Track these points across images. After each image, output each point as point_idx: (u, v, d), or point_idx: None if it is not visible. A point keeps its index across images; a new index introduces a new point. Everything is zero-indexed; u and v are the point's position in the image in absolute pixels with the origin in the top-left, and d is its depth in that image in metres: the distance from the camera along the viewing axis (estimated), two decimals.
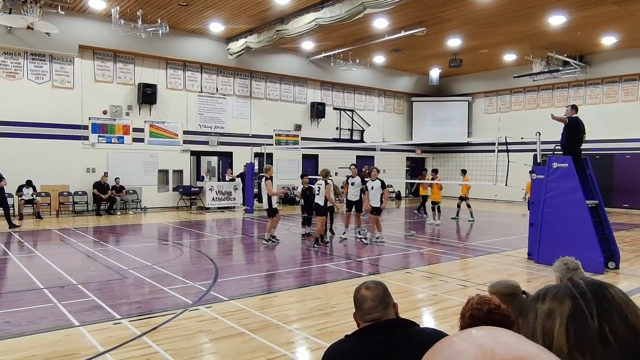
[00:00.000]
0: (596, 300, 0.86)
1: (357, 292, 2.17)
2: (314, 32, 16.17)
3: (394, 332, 2.00)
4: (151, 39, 15.94)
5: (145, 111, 18.37)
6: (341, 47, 19.53)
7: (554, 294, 0.90)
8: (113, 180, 17.30)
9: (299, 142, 22.30)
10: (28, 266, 8.73)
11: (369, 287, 2.13)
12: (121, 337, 5.01)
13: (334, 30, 16.87)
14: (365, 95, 24.90)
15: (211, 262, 9.10)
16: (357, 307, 2.13)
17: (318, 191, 11.06)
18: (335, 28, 16.25)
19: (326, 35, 17.91)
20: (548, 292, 0.92)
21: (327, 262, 9.32)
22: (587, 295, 0.87)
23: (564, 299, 0.88)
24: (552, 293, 0.91)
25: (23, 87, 15.91)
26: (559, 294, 0.90)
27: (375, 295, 2.09)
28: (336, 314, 5.97)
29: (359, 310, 2.11)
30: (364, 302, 2.09)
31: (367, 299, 2.08)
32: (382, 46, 19.35)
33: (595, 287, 0.89)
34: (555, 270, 3.53)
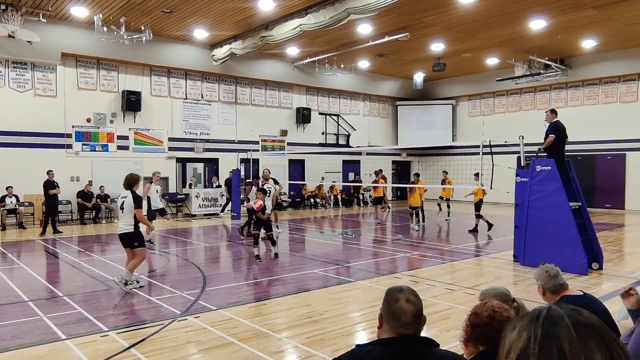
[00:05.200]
0: (544, 337, 0.97)
1: (395, 300, 2.03)
2: (298, 38, 16.21)
3: (417, 349, 1.94)
4: (135, 46, 15.85)
5: (130, 118, 18.23)
6: (326, 53, 19.60)
7: (520, 327, 1.03)
8: (98, 188, 17.12)
9: (285, 148, 22.29)
10: (11, 278, 8.59)
11: (409, 301, 2.01)
12: (109, 350, 4.96)
13: (319, 36, 16.93)
14: (350, 100, 25.00)
15: (199, 271, 9.05)
16: (392, 316, 2.00)
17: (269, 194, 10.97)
18: (320, 34, 16.31)
19: (311, 40, 17.96)
20: (516, 325, 1.04)
21: (315, 268, 9.32)
22: (537, 333, 0.99)
23: (522, 333, 1.01)
24: (519, 325, 1.04)
25: (4, 96, 15.69)
26: (522, 327, 1.03)
27: (416, 311, 2.00)
28: (325, 321, 5.98)
29: (394, 321, 1.99)
30: (402, 315, 1.98)
31: (407, 313, 1.98)
32: (366, 51, 19.47)
33: (549, 324, 0.99)
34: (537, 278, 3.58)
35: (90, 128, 17.45)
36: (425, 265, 9.74)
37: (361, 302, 7.04)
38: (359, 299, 7.20)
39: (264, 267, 9.66)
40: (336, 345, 5.16)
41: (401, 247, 11.80)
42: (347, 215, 20.35)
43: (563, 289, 3.48)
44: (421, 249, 11.47)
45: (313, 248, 11.91)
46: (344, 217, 19.80)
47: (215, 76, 20.20)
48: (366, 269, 9.36)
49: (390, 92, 25.88)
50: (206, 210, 19.06)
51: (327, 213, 21.05)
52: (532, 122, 20.04)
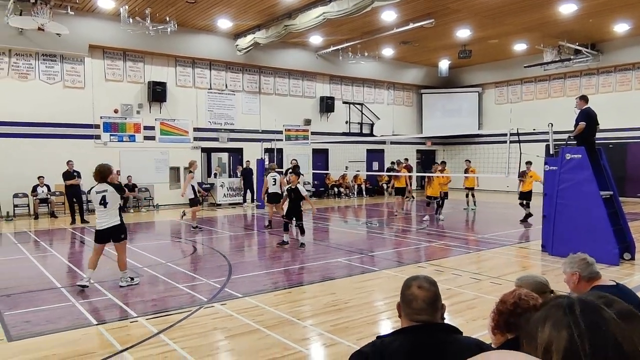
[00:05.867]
0: (590, 331, 0.87)
1: (407, 287, 2.07)
2: (322, 26, 16.13)
3: (437, 336, 1.95)
4: (160, 37, 16.00)
5: (156, 109, 18.47)
6: (349, 41, 19.46)
7: (553, 321, 0.92)
8: (125, 178, 17.44)
9: (309, 137, 22.30)
10: (44, 265, 8.86)
11: (421, 287, 2.03)
12: (138, 336, 5.08)
13: (342, 23, 16.80)
14: (374, 89, 24.81)
15: (224, 259, 9.17)
16: (405, 303, 2.04)
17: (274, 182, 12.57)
18: (343, 22, 16.18)
19: (334, 29, 17.85)
20: (548, 317, 0.94)
21: (340, 257, 9.34)
22: (581, 327, 0.88)
23: (560, 329, 0.90)
24: (552, 320, 0.93)
25: (35, 88, 16.06)
26: (557, 322, 0.91)
27: (427, 297, 2.01)
28: (350, 310, 5.99)
29: (407, 308, 2.02)
30: (413, 301, 2.00)
31: (418, 299, 2.00)
32: (390, 39, 19.25)
33: (591, 315, 0.89)
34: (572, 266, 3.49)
35: (118, 119, 17.75)
36: (450, 254, 9.66)
37: (385, 291, 7.03)
38: (383, 288, 7.19)
39: (289, 255, 9.72)
40: (361, 333, 5.18)
41: (426, 236, 11.73)
42: (371, 204, 20.30)
43: (597, 277, 3.43)
44: (446, 239, 11.37)
45: (337, 237, 11.93)
46: (368, 206, 19.75)
47: (239, 66, 20.27)
48: (390, 258, 9.34)
49: (415, 80, 25.59)
50: (231, 199, 19.26)
51: (350, 202, 21.04)
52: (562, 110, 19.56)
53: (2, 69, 15.58)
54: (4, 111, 15.47)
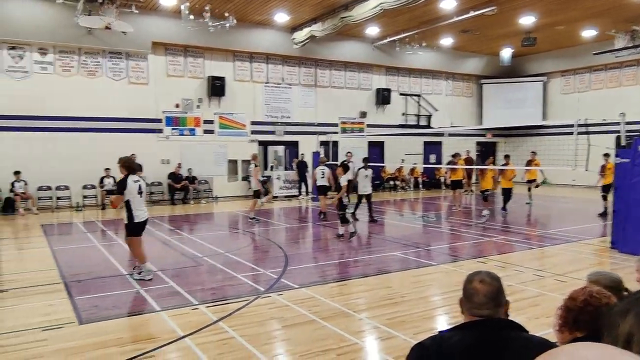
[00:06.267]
0: None
1: (469, 282, 2.03)
2: (378, 17, 15.91)
3: (499, 332, 1.89)
4: (219, 33, 16.34)
5: (215, 103, 18.93)
6: (407, 31, 19.10)
7: (635, 313, 0.92)
8: (186, 170, 18.03)
9: (365, 130, 22.16)
10: (111, 253, 9.30)
11: (483, 281, 1.99)
12: (199, 322, 5.23)
13: (400, 14, 16.51)
14: (432, 79, 24.28)
15: (281, 250, 9.28)
16: (466, 298, 2.01)
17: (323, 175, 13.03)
18: (401, 12, 15.90)
19: (391, 19, 17.58)
20: (630, 309, 0.93)
21: (396, 250, 9.22)
22: None
23: None
24: (634, 311, 0.92)
25: (102, 85, 16.86)
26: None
27: (489, 292, 1.96)
28: (406, 304, 5.91)
29: (468, 302, 1.99)
30: (474, 295, 1.96)
31: (479, 293, 1.96)
32: (449, 28, 18.72)
33: None
34: None
35: (179, 113, 18.34)
36: (512, 250, 9.32)
37: (443, 285, 6.88)
38: (440, 283, 7.04)
39: (344, 248, 9.72)
40: (418, 327, 5.09)
41: (486, 231, 11.37)
42: (428, 198, 19.93)
43: None
44: (508, 234, 10.98)
45: (393, 231, 11.79)
46: (424, 200, 19.41)
47: (295, 59, 20.40)
48: (448, 253, 9.13)
49: (475, 70, 24.80)
50: (287, 192, 19.48)
51: (407, 196, 20.75)
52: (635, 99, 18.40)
53: (73, 67, 16.45)
54: (73, 107, 16.34)
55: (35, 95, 15.72)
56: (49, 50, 16.02)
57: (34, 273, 7.72)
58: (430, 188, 23.14)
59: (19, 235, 11.84)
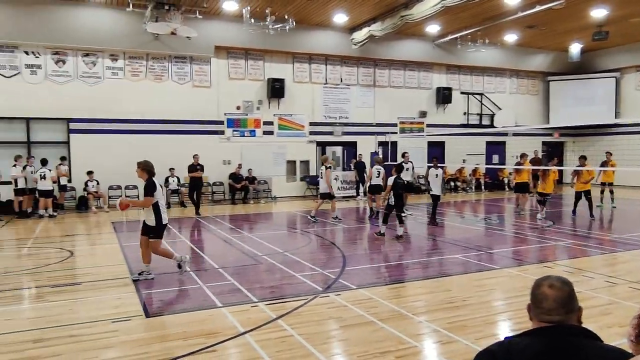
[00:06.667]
0: None
1: (537, 287, 1.94)
2: (439, 15, 15.59)
3: (571, 340, 1.79)
4: (279, 35, 16.59)
5: (274, 105, 19.24)
6: (469, 28, 18.61)
7: None
8: (246, 171, 18.44)
9: (424, 129, 21.79)
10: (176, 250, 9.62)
11: (552, 286, 1.90)
12: (258, 319, 5.32)
13: (461, 10, 16.12)
14: (495, 77, 23.51)
15: (338, 251, 9.28)
16: (535, 303, 1.92)
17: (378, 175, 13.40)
18: (463, 8, 15.51)
19: (453, 16, 17.18)
20: None
21: (456, 253, 9.00)
22: None
23: None
24: None
25: (168, 88, 17.56)
26: None
27: (559, 297, 1.87)
28: (468, 308, 5.74)
29: (536, 308, 1.91)
30: (543, 300, 1.88)
31: (549, 298, 1.87)
32: (514, 23, 18.04)
33: None
34: None
35: (240, 115, 18.79)
36: (582, 255, 8.85)
37: (507, 290, 6.63)
38: (504, 288, 6.79)
39: (403, 249, 9.59)
40: (480, 332, 4.93)
41: (553, 235, 10.86)
42: (490, 199, 19.31)
43: None
44: (577, 238, 10.44)
45: (453, 233, 11.51)
46: (487, 201, 18.82)
47: (354, 60, 20.38)
48: (512, 257, 8.80)
49: (541, 67, 23.78)
50: (345, 192, 19.47)
51: (468, 197, 20.20)
52: None
53: (141, 71, 17.23)
54: (141, 110, 17.12)
55: (106, 100, 16.62)
56: (120, 57, 16.87)
57: (104, 267, 8.15)
58: (493, 189, 22.42)
59: (92, 231, 12.53)
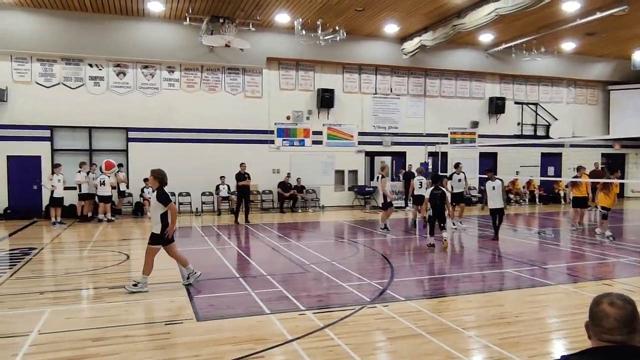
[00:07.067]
0: None
1: (596, 304, 1.87)
2: (493, 24, 15.31)
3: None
4: (329, 46, 16.75)
5: (324, 115, 19.40)
6: (524, 37, 18.15)
7: None
8: (295, 180, 18.65)
9: (476, 140, 21.34)
10: (225, 257, 9.86)
11: (613, 304, 1.82)
12: (306, 328, 5.35)
13: (516, 19, 15.76)
14: (551, 87, 22.77)
15: (386, 261, 9.21)
16: (594, 321, 1.85)
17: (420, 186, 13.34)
18: (518, 17, 15.17)
19: (507, 25, 16.82)
20: None
21: (508, 267, 8.74)
22: None
23: None
24: None
25: (221, 99, 18.07)
26: None
27: (621, 316, 1.79)
28: (520, 324, 5.55)
29: (596, 327, 1.83)
30: (603, 319, 1.81)
31: (610, 316, 1.80)
32: (572, 31, 17.46)
33: None
34: None
35: (289, 125, 19.05)
36: None
37: (562, 307, 6.37)
38: (559, 304, 6.53)
39: (453, 262, 9.42)
40: (534, 350, 4.77)
41: (613, 251, 10.35)
42: (545, 213, 18.64)
43: None
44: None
45: (505, 246, 11.17)
46: (541, 215, 18.18)
47: (404, 70, 20.28)
48: (568, 273, 8.45)
49: (601, 76, 22.82)
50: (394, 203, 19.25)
51: (521, 210, 19.58)
52: None
53: (196, 83, 17.82)
54: (195, 119, 17.68)
55: (162, 110, 17.29)
56: (176, 68, 17.53)
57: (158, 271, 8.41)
58: (548, 202, 21.64)
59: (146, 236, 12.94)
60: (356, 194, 19.89)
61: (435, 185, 10.70)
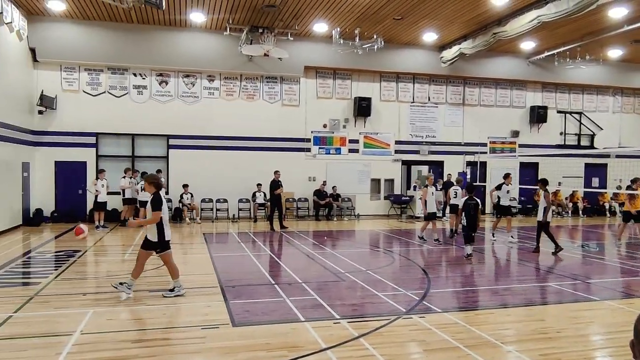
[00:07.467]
0: None
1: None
2: (535, 31, 14.98)
3: None
4: (367, 55, 16.76)
5: (360, 123, 19.38)
6: (567, 44, 17.69)
7: None
8: (331, 188, 18.66)
9: (516, 150, 20.87)
10: (261, 263, 9.94)
11: None
12: (340, 336, 5.32)
13: (559, 26, 15.38)
14: (596, 95, 22.06)
15: (422, 272, 9.08)
16: (639, 339, 1.72)
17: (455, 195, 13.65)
18: (561, 24, 14.80)
19: (550, 32, 16.44)
20: None
21: (550, 281, 8.47)
22: None
23: None
24: None
25: (259, 107, 18.31)
26: None
27: None
28: (563, 340, 5.37)
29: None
30: None
31: None
32: (619, 38, 16.90)
33: None
34: None
35: (326, 133, 19.12)
36: None
37: (607, 324, 6.12)
38: (604, 321, 6.28)
39: (491, 274, 9.21)
40: None
41: None
42: (589, 225, 18.00)
43: None
44: None
45: (546, 259, 10.84)
46: (585, 227, 17.56)
47: (442, 78, 20.07)
48: (614, 288, 8.12)
49: None
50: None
51: (563, 222, 18.98)
52: None
53: (235, 91, 18.13)
54: (234, 128, 17.97)
55: (202, 118, 17.67)
56: (216, 77, 17.89)
57: (195, 276, 8.57)
58: (592, 215, 20.91)
59: (184, 241, 13.25)
60: (392, 203, 19.74)
61: (470, 195, 10.68)
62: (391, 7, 14.55)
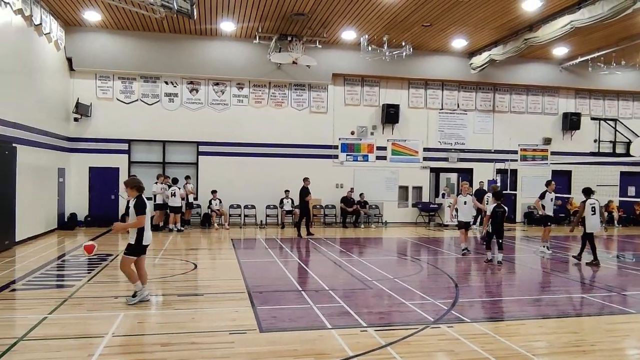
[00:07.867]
0: None
1: None
2: (568, 36, 14.70)
3: None
4: (395, 62, 16.71)
5: (388, 130, 19.30)
6: (602, 50, 17.27)
7: None
8: (358, 195, 18.61)
9: (548, 157, 20.43)
10: (288, 269, 9.97)
11: None
12: (367, 345, 5.29)
13: (593, 31, 15.04)
14: (632, 102, 21.45)
15: (451, 281, 8.96)
16: None
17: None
18: (595, 29, 14.47)
19: (583, 38, 16.09)
20: None
21: (585, 292, 8.24)
22: None
23: None
24: None
25: (287, 114, 18.44)
26: None
27: None
28: (597, 354, 5.21)
29: None
30: None
31: None
32: None
33: None
34: None
35: (354, 140, 19.11)
36: None
37: None
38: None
39: (521, 284, 9.01)
40: None
41: None
42: (624, 235, 17.45)
43: None
44: None
45: (579, 270, 10.56)
46: (620, 237, 17.03)
47: (472, 85, 19.85)
48: None
49: None
50: None
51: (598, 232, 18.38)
52: None
53: (263, 99, 18.32)
54: (263, 135, 18.14)
55: (231, 125, 17.90)
56: (245, 85, 18.12)
57: (224, 281, 8.66)
58: (628, 224, 20.28)
59: (213, 246, 13.40)
60: (420, 211, 19.55)
61: (498, 203, 10.72)
62: (420, 14, 14.50)
